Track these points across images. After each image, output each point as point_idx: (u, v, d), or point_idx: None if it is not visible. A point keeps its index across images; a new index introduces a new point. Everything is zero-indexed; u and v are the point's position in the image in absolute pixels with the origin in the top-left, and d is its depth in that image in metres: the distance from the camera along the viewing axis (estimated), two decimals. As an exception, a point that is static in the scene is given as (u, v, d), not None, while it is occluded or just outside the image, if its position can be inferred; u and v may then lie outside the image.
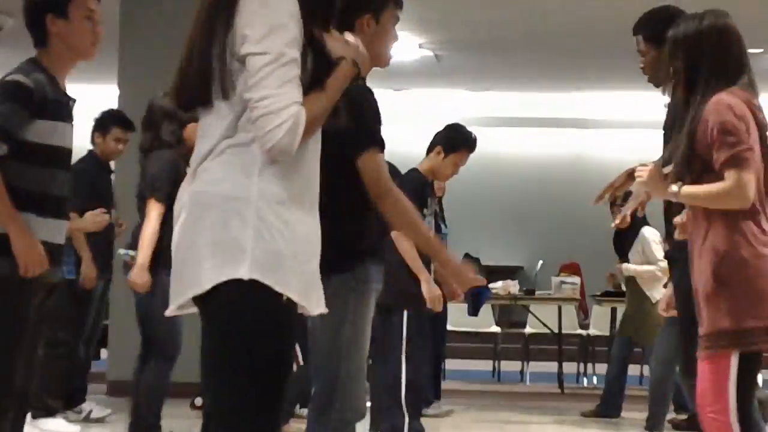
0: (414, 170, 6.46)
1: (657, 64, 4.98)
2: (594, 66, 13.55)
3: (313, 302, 2.92)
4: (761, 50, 12.18)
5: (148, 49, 9.17)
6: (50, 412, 7.05)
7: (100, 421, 7.69)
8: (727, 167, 3.85)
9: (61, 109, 4.33)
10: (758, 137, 3.94)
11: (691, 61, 3.98)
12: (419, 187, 6.27)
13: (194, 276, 2.83)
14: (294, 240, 2.83)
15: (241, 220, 2.79)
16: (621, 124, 16.04)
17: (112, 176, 7.87)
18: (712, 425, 3.87)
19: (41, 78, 4.27)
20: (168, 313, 2.95)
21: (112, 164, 7.92)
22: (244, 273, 2.78)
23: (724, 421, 3.83)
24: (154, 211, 6.04)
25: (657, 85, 4.94)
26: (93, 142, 7.68)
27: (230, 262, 2.78)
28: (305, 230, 2.88)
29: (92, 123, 7.71)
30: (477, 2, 10.73)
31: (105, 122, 7.67)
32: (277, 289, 2.80)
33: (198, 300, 2.87)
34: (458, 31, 11.95)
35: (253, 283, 2.78)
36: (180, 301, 2.89)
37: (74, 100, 4.44)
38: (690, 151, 3.92)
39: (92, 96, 12.84)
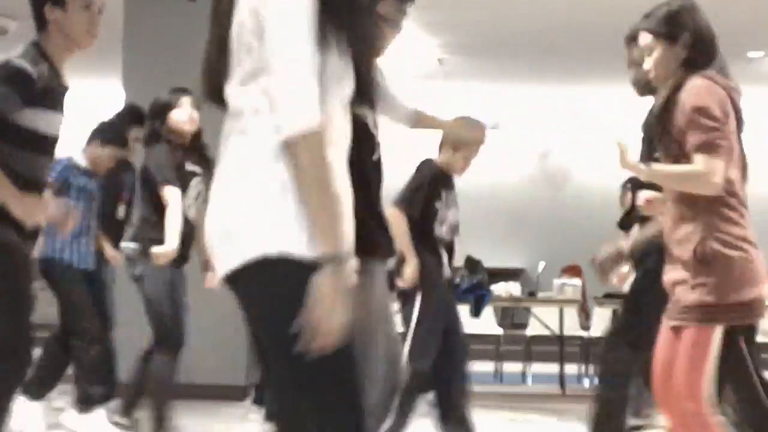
0: (428, 161, 6.45)
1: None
2: (598, 68, 13.57)
3: None
4: (762, 53, 12.20)
5: (153, 49, 9.13)
6: (93, 401, 7.06)
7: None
8: (698, 151, 3.76)
9: (55, 98, 4.47)
10: (736, 125, 3.87)
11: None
12: (428, 176, 6.32)
13: None
14: None
15: None
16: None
17: None
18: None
19: (45, 70, 4.40)
20: None
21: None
22: None
23: None
24: (175, 196, 6.22)
25: (652, 92, 4.41)
26: None
27: None
28: None
29: (93, 118, 7.81)
30: (480, 5, 10.74)
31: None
32: None
33: None
34: (461, 35, 11.97)
35: None
36: None
37: (68, 88, 4.56)
38: (665, 134, 3.87)
39: (94, 92, 12.91)
